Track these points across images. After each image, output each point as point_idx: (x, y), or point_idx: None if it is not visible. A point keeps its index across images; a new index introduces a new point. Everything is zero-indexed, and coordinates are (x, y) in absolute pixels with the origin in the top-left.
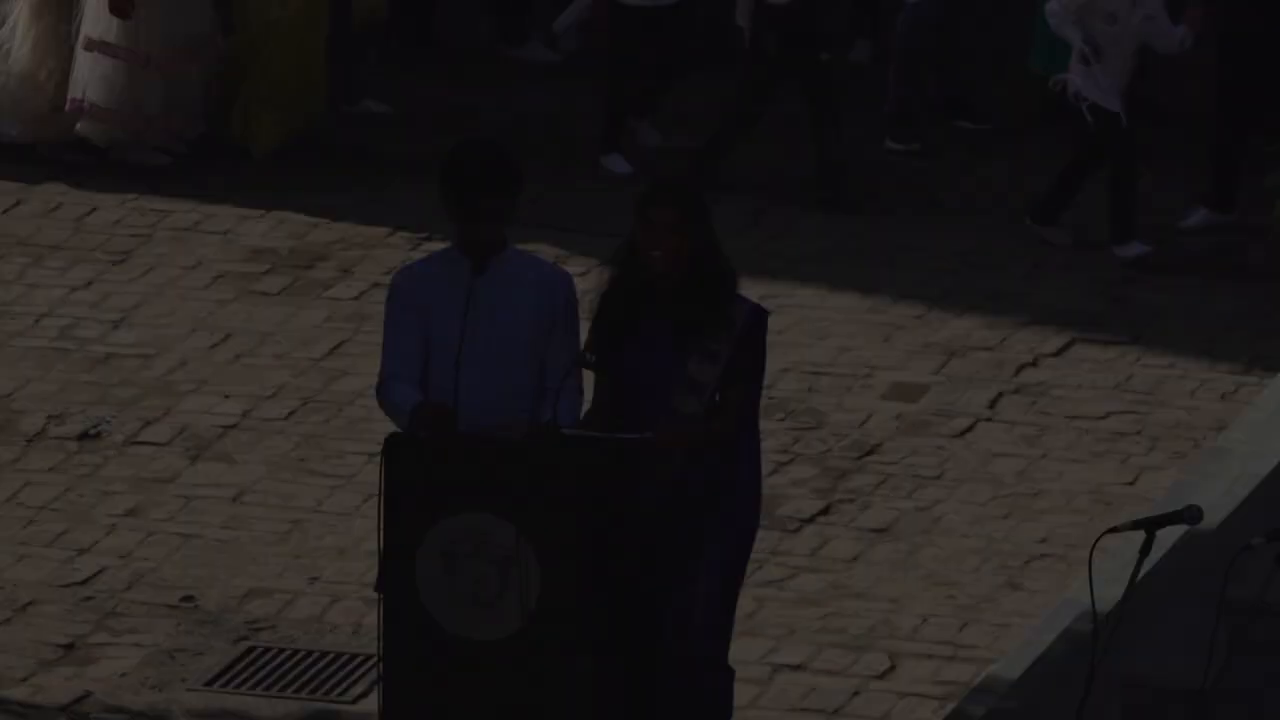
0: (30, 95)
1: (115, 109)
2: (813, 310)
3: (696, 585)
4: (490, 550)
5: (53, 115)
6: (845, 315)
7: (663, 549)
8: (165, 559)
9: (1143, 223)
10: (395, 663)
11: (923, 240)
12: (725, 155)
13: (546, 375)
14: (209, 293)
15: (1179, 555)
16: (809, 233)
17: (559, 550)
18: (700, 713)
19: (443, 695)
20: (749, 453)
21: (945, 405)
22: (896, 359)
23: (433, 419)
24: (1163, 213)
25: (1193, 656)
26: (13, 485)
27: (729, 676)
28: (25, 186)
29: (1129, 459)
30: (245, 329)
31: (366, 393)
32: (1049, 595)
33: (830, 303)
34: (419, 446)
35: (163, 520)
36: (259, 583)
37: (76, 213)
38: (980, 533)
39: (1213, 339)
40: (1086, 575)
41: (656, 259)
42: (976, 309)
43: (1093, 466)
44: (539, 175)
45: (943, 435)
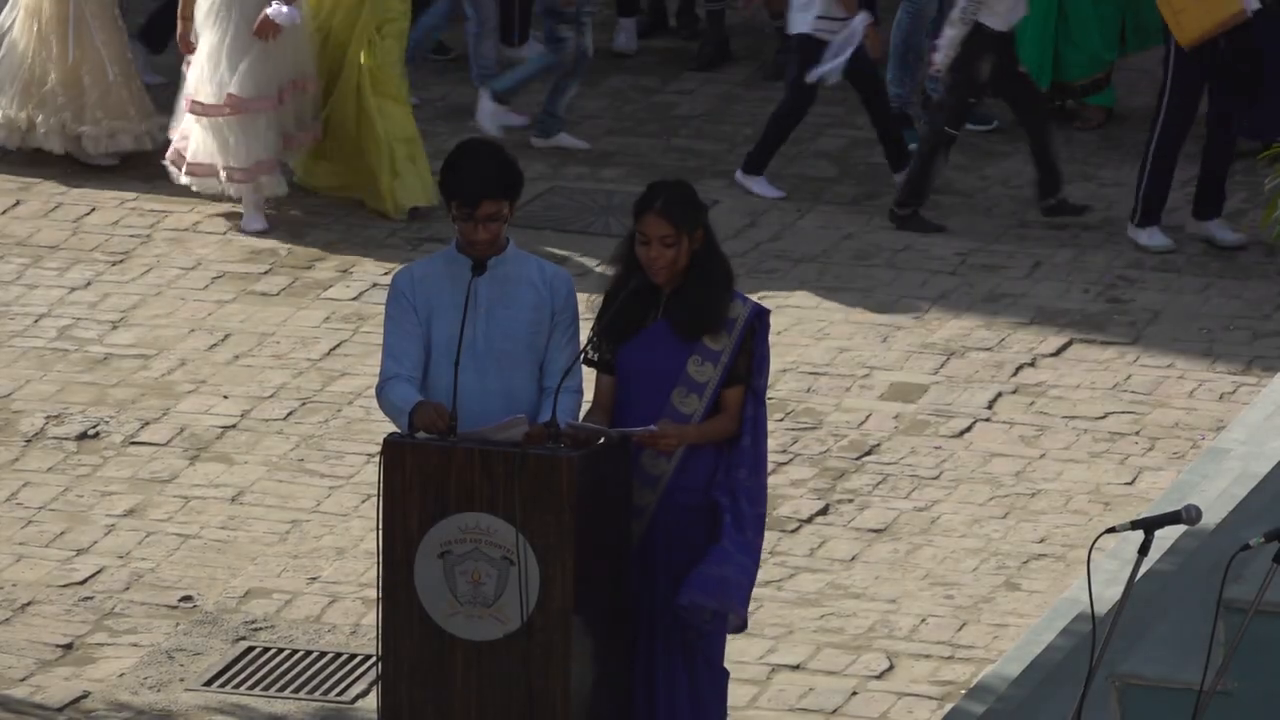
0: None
1: (212, 162)
2: (812, 310)
3: (696, 583)
4: (489, 550)
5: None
6: (844, 315)
7: (661, 547)
8: (164, 559)
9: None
10: (394, 663)
11: (922, 240)
12: (936, 175)
13: (546, 375)
14: (208, 293)
15: (1177, 555)
16: (809, 233)
17: (558, 550)
18: (698, 710)
19: (442, 695)
20: (752, 451)
21: (944, 405)
22: (895, 359)
23: (432, 419)
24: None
25: (1191, 657)
26: (12, 485)
27: (724, 677)
28: (24, 187)
29: (1127, 459)
30: (244, 329)
31: (365, 393)
32: (1047, 595)
33: (829, 303)
34: (418, 447)
35: (161, 520)
36: (258, 583)
37: (75, 213)
38: (979, 533)
39: (1211, 339)
40: (1085, 575)
41: (651, 270)
42: (975, 309)
43: (1091, 467)
44: (539, 175)
45: (941, 435)
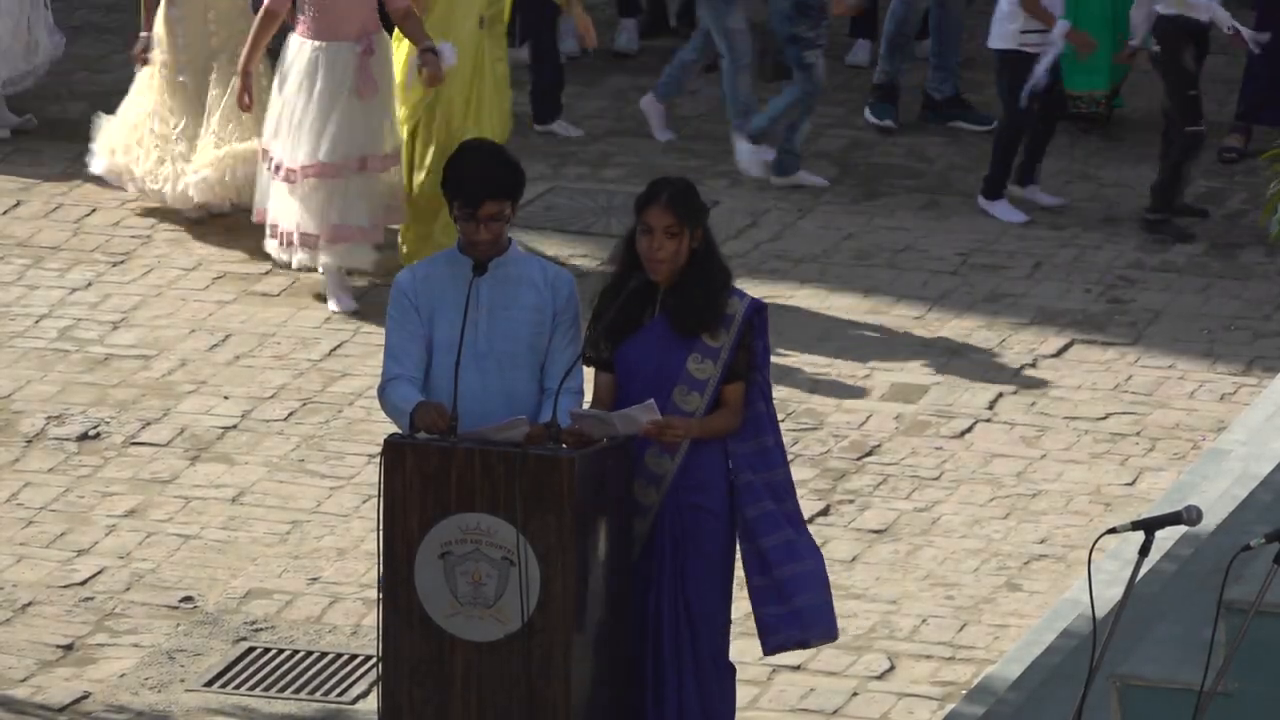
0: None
1: (318, 230)
2: (813, 310)
3: (696, 582)
4: (490, 551)
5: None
6: (845, 315)
7: (661, 544)
8: (165, 560)
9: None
10: (394, 663)
11: (923, 241)
12: (1187, 181)
13: (547, 375)
14: (208, 294)
15: (1178, 556)
16: (809, 233)
17: (559, 550)
18: (703, 710)
19: (442, 696)
20: (778, 449)
21: (945, 406)
22: (896, 360)
23: (432, 419)
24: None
25: (1192, 657)
26: (12, 486)
27: (731, 674)
28: (25, 187)
29: (1128, 460)
30: (245, 330)
31: (366, 394)
32: (1048, 596)
33: (830, 303)
34: (419, 447)
35: (162, 521)
36: (258, 583)
37: (76, 214)
38: (979, 533)
39: (1212, 340)
40: (1086, 576)
41: (655, 263)
42: (976, 310)
43: (1092, 467)
44: (540, 175)
45: (942, 436)
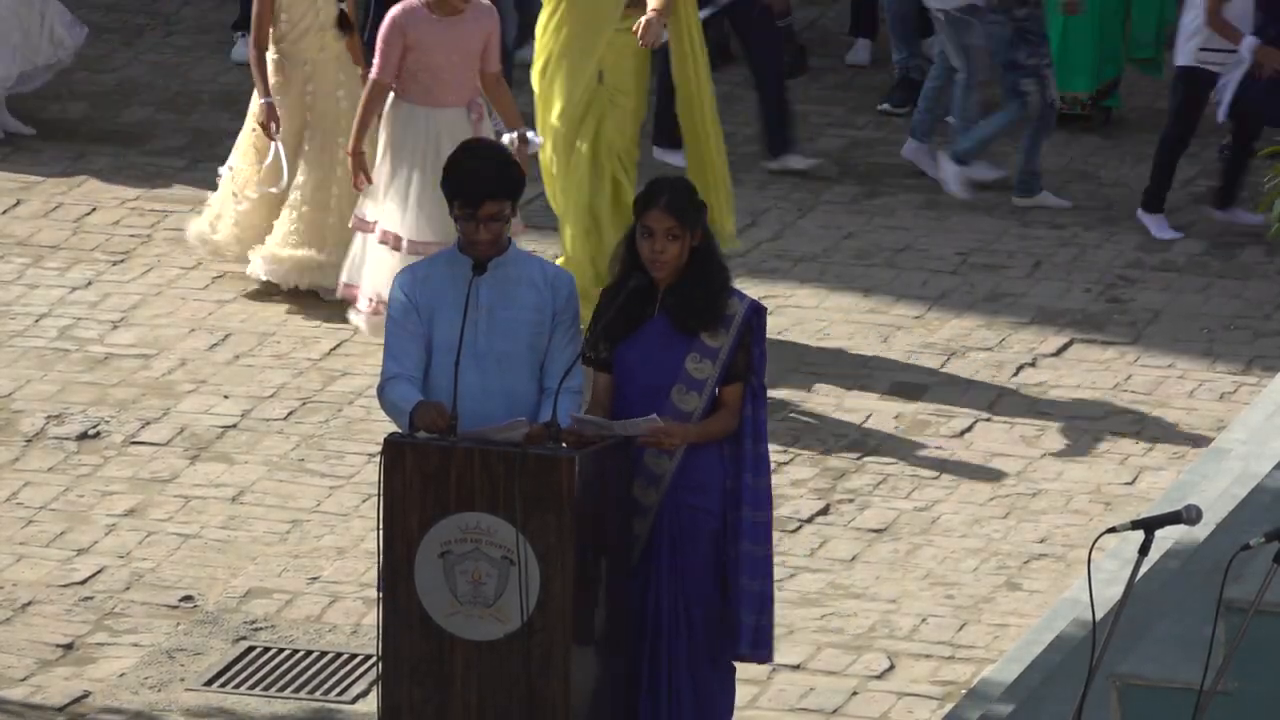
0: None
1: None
2: (812, 310)
3: (694, 582)
4: (490, 550)
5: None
6: (845, 315)
7: (659, 544)
8: (164, 559)
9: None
10: (394, 663)
11: (922, 240)
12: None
13: (546, 375)
14: (208, 293)
15: (1178, 555)
16: (809, 233)
17: (559, 550)
18: (702, 709)
19: (442, 695)
20: (753, 452)
21: (944, 405)
22: (896, 359)
23: (432, 419)
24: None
25: (1192, 657)
26: (12, 485)
27: (730, 674)
28: (25, 187)
29: (1128, 459)
30: (244, 329)
31: (366, 393)
32: (1048, 595)
33: (830, 303)
34: (418, 446)
35: (162, 520)
36: (258, 583)
37: (76, 213)
38: (979, 533)
39: (1212, 339)
40: (1085, 575)
41: (655, 265)
42: (975, 309)
43: (1091, 467)
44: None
45: (942, 435)
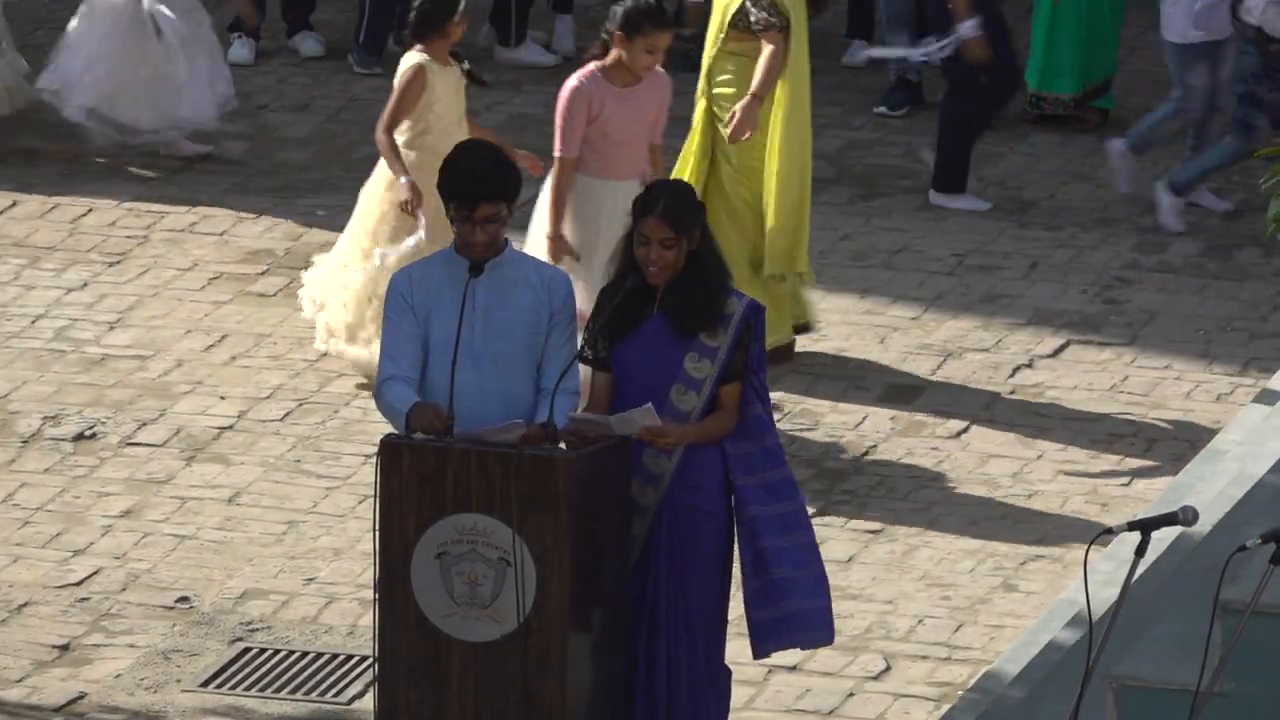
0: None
1: None
2: None
3: (692, 582)
4: (486, 551)
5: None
6: (842, 316)
7: (658, 545)
8: (160, 560)
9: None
10: (391, 664)
11: (919, 241)
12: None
13: (543, 375)
14: (205, 294)
15: (1174, 557)
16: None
17: (555, 551)
18: (699, 711)
19: (439, 696)
20: (777, 449)
21: (941, 407)
22: (892, 360)
23: (429, 420)
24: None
25: (1188, 658)
26: (8, 486)
27: (726, 675)
28: (23, 187)
29: (1124, 460)
30: (241, 330)
31: (362, 394)
32: (1044, 596)
33: (827, 303)
34: (415, 447)
35: (158, 521)
36: (254, 584)
37: (72, 214)
38: (976, 534)
39: (1208, 340)
40: (1082, 576)
41: (649, 272)
42: (972, 310)
43: (1088, 468)
44: (536, 178)
45: (938, 436)
